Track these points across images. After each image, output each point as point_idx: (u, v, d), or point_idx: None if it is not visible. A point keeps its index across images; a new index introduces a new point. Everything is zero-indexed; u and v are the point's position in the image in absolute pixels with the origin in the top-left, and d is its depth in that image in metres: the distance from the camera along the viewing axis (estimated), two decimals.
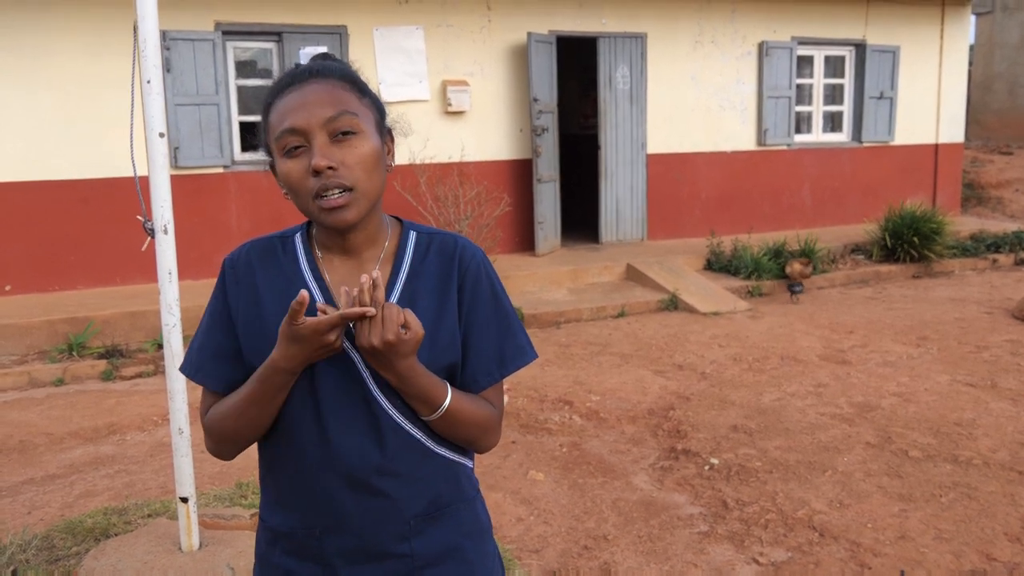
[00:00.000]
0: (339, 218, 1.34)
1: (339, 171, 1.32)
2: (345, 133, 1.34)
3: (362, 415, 1.39)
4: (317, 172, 1.31)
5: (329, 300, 1.41)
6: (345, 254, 1.45)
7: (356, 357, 1.38)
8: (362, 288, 1.29)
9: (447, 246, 1.47)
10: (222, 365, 1.44)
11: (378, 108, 1.43)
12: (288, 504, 1.45)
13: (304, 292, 1.27)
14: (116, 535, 3.32)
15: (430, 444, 1.44)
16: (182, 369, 1.48)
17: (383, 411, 1.39)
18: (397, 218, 1.53)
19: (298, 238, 1.47)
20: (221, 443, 1.45)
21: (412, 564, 1.43)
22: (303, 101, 1.35)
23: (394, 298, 1.41)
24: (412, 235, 1.48)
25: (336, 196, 1.33)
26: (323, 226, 1.39)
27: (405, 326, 1.29)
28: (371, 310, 1.28)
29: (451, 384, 1.43)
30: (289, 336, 1.30)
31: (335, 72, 1.40)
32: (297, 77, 1.38)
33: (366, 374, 1.39)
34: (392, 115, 1.50)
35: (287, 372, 1.34)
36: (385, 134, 1.44)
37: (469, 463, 1.53)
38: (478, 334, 1.45)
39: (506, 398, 5.39)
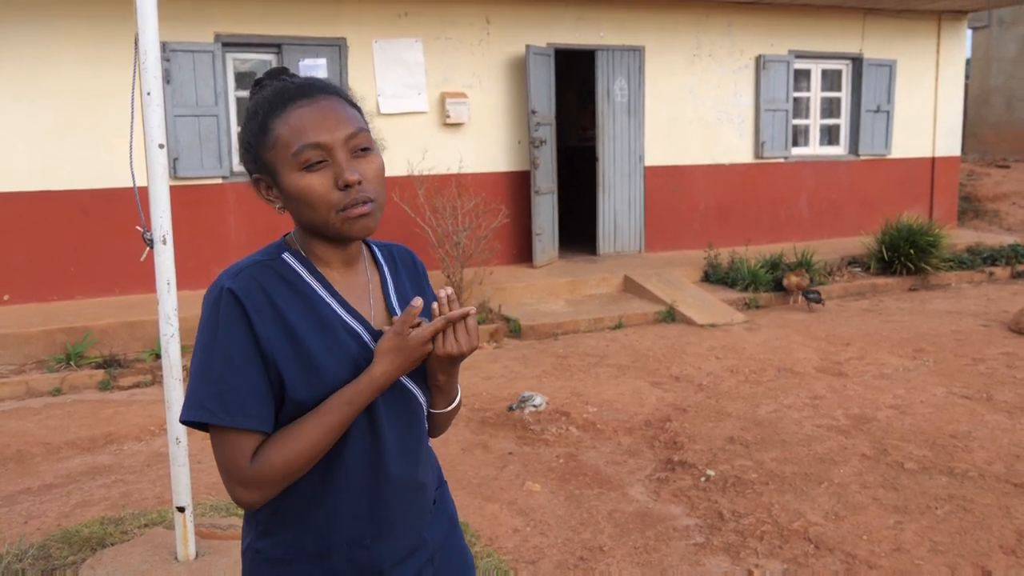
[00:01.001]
0: (365, 226, 1.39)
1: (363, 184, 1.38)
2: (364, 149, 1.39)
3: (404, 411, 1.48)
4: (348, 186, 1.35)
5: (351, 311, 1.44)
6: (345, 265, 1.48)
7: (407, 380, 1.49)
8: (450, 296, 1.41)
9: (404, 255, 1.61)
10: (265, 404, 1.34)
11: (368, 125, 1.48)
12: (323, 525, 1.41)
13: (419, 299, 1.37)
14: (112, 545, 3.32)
15: (427, 428, 1.58)
16: (212, 419, 1.32)
17: (418, 403, 1.51)
18: None
19: (288, 257, 1.44)
20: (282, 484, 1.35)
21: (429, 549, 1.53)
22: (323, 116, 1.36)
23: (394, 304, 1.52)
24: (372, 246, 1.58)
25: (366, 206, 1.38)
26: (342, 236, 1.39)
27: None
28: (472, 309, 1.42)
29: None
30: (397, 348, 1.37)
31: (334, 89, 1.43)
32: (304, 92, 1.39)
33: (416, 391, 1.51)
34: (380, 131, 1.55)
35: (384, 388, 1.40)
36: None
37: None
38: None
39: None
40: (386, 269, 1.55)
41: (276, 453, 1.33)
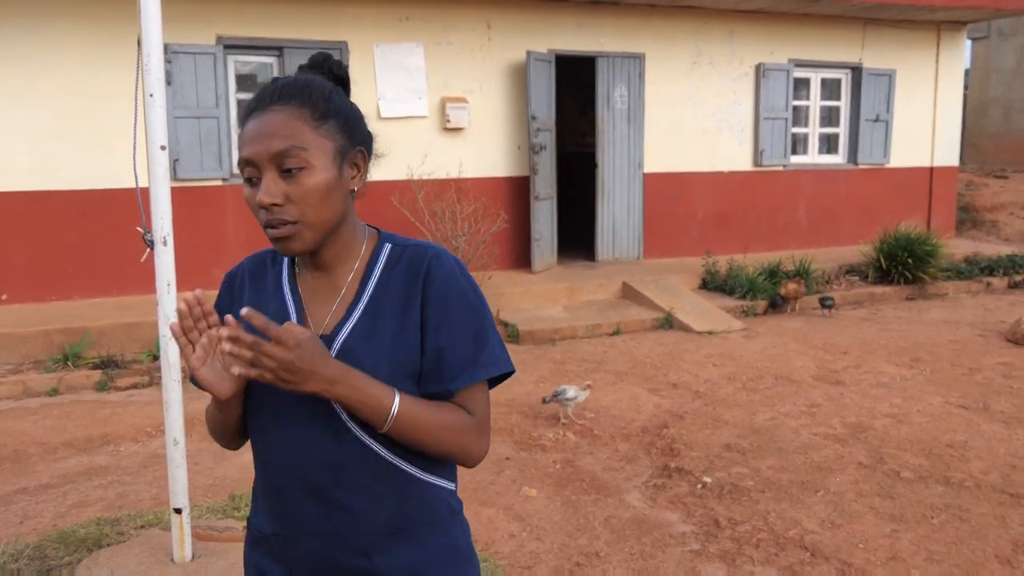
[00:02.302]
0: (285, 248, 1.39)
1: (284, 207, 1.35)
2: (291, 169, 1.35)
3: (321, 425, 1.40)
4: (263, 207, 1.36)
5: (300, 312, 1.46)
6: (316, 269, 1.48)
7: None
8: (201, 304, 1.36)
9: (417, 256, 1.46)
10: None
11: (345, 131, 1.42)
12: (264, 507, 1.51)
13: (246, 311, 1.27)
14: (109, 545, 3.32)
15: (391, 458, 1.42)
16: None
17: (340, 422, 1.40)
18: (377, 230, 1.54)
19: (284, 257, 1.53)
20: (213, 436, 1.58)
21: None
22: (258, 132, 1.36)
23: (357, 312, 1.43)
24: (386, 248, 1.49)
25: (280, 229, 1.36)
26: None
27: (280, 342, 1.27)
28: (224, 331, 1.26)
29: (431, 395, 1.43)
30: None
31: (297, 97, 1.38)
32: (261, 101, 1.39)
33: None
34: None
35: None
36: (347, 158, 1.42)
37: (446, 484, 1.51)
38: (449, 339, 1.43)
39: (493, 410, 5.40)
40: (374, 277, 1.47)
41: (208, 409, 1.54)
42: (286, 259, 1.52)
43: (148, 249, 2.95)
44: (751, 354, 6.89)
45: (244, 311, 1.26)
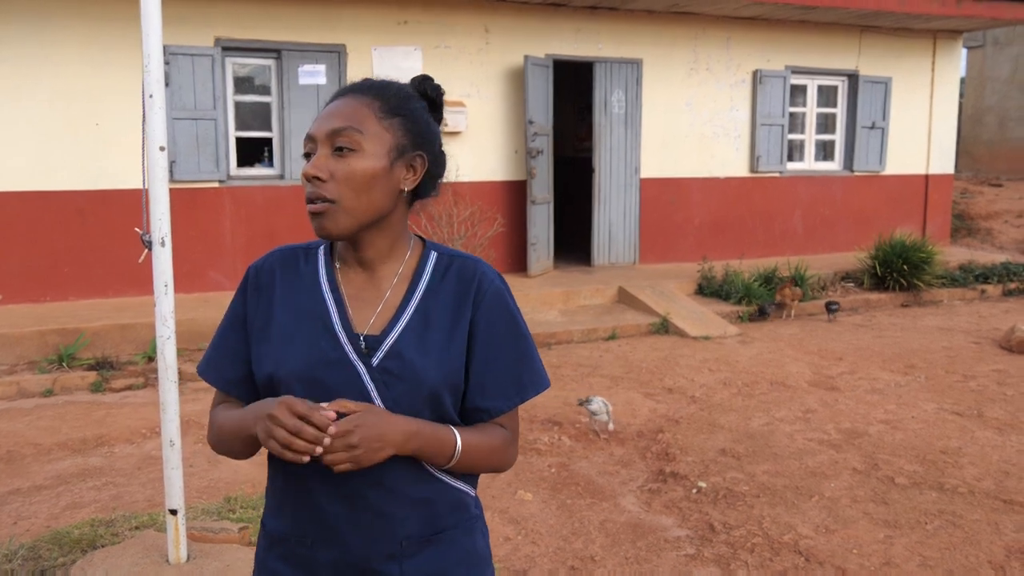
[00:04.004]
0: (318, 225, 1.40)
1: (327, 183, 1.38)
2: (342, 148, 1.38)
3: None
4: (307, 179, 1.39)
5: (342, 311, 1.45)
6: (360, 267, 1.49)
7: (362, 370, 1.40)
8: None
9: (467, 270, 1.49)
10: (228, 365, 1.50)
11: (411, 132, 1.45)
12: (285, 509, 1.48)
13: (342, 402, 1.31)
14: (103, 546, 3.32)
15: (431, 468, 1.44)
16: (198, 368, 1.54)
17: None
18: (421, 238, 1.56)
19: (321, 250, 1.52)
20: (219, 450, 1.51)
21: None
22: (327, 113, 1.42)
23: (406, 315, 1.44)
24: (432, 255, 1.51)
25: (317, 204, 1.38)
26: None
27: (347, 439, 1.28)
28: (325, 441, 1.27)
29: (464, 404, 1.46)
30: (267, 416, 1.29)
31: (373, 91, 1.45)
32: (342, 90, 1.46)
33: (371, 387, 1.40)
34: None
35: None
36: (404, 157, 1.44)
37: (470, 490, 1.53)
38: (495, 360, 1.46)
39: None
40: (423, 284, 1.47)
41: (216, 420, 1.50)
42: (322, 256, 1.51)
43: (146, 250, 2.95)
44: (746, 359, 6.90)
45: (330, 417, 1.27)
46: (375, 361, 1.40)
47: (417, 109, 1.48)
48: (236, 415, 1.44)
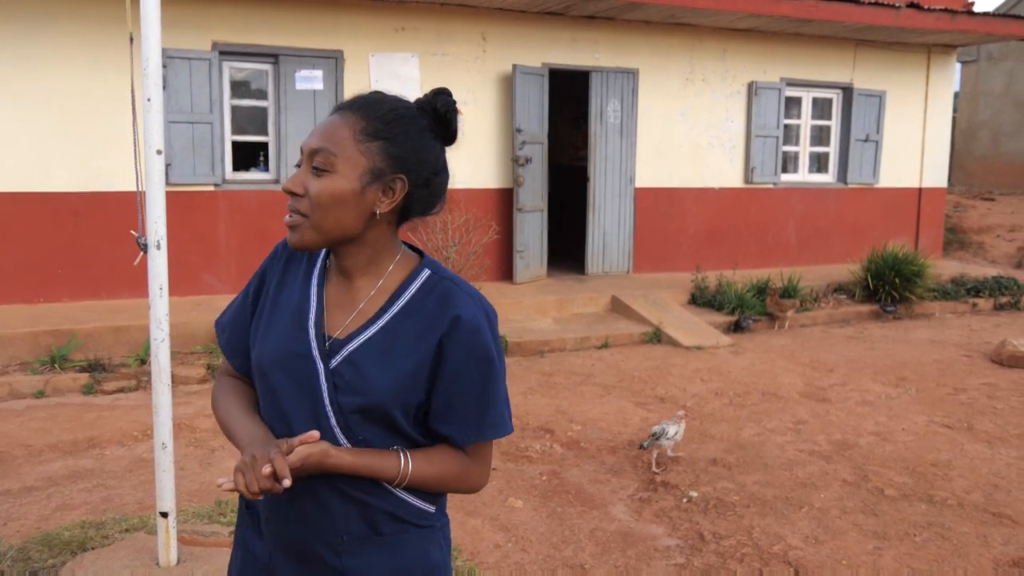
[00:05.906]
0: (289, 237, 1.48)
1: (303, 198, 1.45)
2: (318, 168, 1.44)
3: (319, 430, 1.45)
4: (285, 192, 1.47)
5: (320, 311, 1.51)
6: (340, 275, 1.54)
7: (320, 368, 1.46)
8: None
9: (451, 295, 1.48)
10: (237, 333, 1.62)
11: (390, 156, 1.45)
12: None
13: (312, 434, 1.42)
14: (93, 548, 3.31)
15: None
16: (216, 322, 1.67)
17: (335, 438, 1.47)
18: (421, 253, 1.57)
19: (322, 252, 1.58)
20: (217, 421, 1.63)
21: None
22: (317, 129, 1.48)
23: (373, 328, 1.48)
24: (424, 273, 1.52)
25: (291, 217, 1.46)
26: None
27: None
28: (282, 478, 1.36)
29: (428, 422, 1.50)
30: (241, 460, 1.41)
31: (362, 110, 1.47)
32: (340, 105, 1.51)
33: (324, 387, 1.47)
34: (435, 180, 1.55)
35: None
36: (380, 181, 1.45)
37: (428, 507, 1.54)
38: (460, 394, 1.48)
39: None
40: (402, 300, 1.49)
41: (217, 398, 1.63)
42: (322, 256, 1.58)
43: (141, 253, 2.96)
44: (738, 370, 6.92)
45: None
46: (332, 364, 1.47)
47: (406, 132, 1.48)
48: (233, 421, 1.55)
